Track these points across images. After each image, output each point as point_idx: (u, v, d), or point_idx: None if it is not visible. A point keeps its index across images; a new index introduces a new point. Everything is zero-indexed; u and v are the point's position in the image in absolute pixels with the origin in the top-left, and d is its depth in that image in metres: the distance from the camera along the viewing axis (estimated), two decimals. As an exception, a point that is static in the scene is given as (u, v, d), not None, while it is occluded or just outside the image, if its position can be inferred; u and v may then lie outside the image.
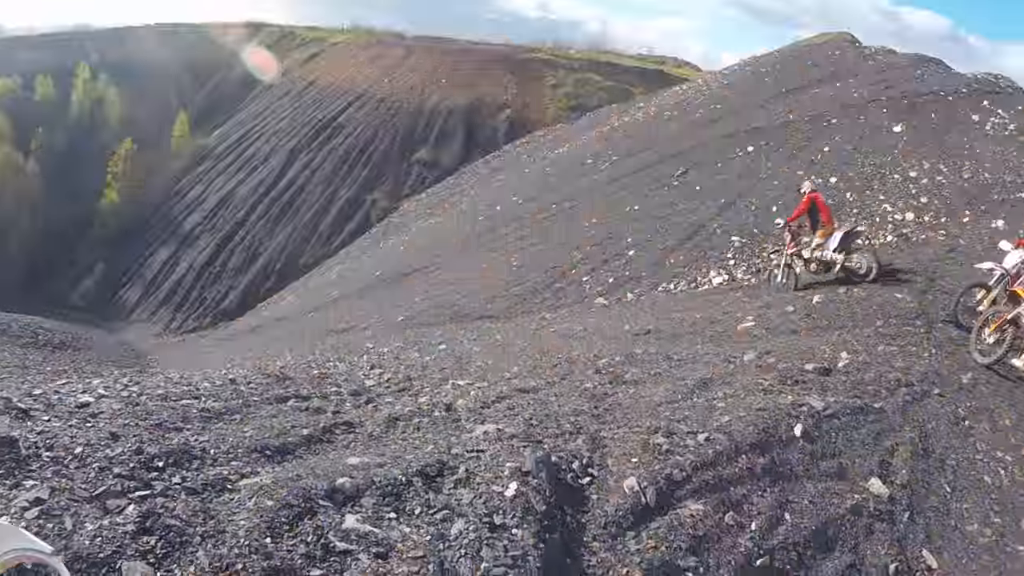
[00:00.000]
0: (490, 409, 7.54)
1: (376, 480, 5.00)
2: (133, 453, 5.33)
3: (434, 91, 64.37)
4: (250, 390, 9.14)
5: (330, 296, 36.98)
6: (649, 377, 8.79)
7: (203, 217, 61.40)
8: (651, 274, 20.30)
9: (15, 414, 6.25)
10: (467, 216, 38.88)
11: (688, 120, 35.37)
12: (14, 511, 4.25)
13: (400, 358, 15.33)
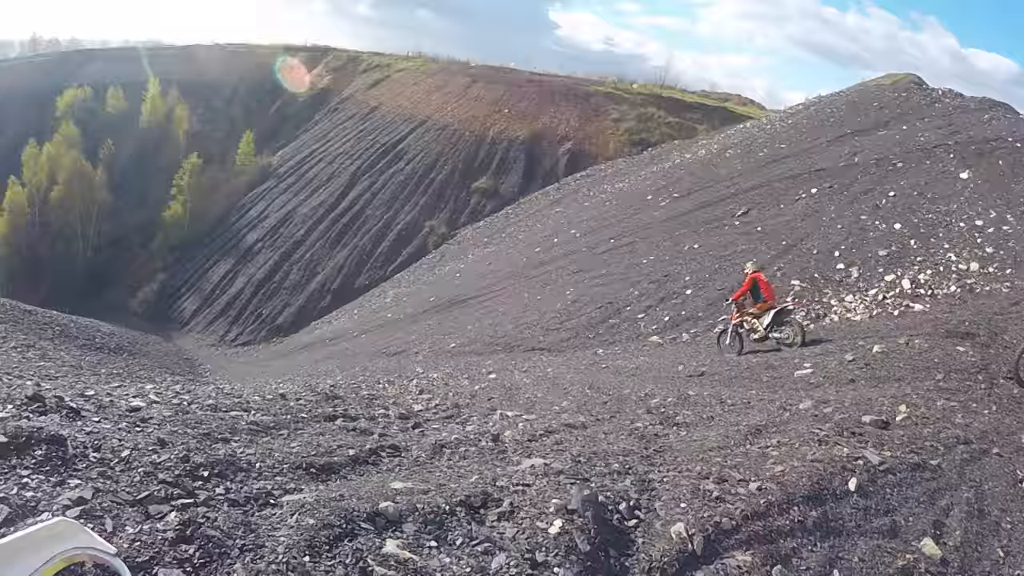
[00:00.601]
0: (537, 443, 7.58)
1: (419, 507, 5.00)
2: (179, 460, 5.47)
3: (496, 121, 64.91)
4: (299, 406, 9.40)
5: (384, 319, 37.76)
6: (701, 420, 8.77)
7: (263, 234, 63.05)
8: (708, 315, 20.22)
9: (66, 413, 6.43)
10: (524, 247, 39.45)
11: (751, 159, 35.44)
12: (56, 508, 4.35)
13: (449, 385, 15.76)
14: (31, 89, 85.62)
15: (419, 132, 66.48)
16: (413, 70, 79.41)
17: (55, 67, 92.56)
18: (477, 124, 65.22)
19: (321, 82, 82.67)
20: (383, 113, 71.21)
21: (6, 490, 4.44)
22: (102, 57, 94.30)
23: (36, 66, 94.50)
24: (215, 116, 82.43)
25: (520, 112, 65.67)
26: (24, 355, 25.34)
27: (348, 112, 74.84)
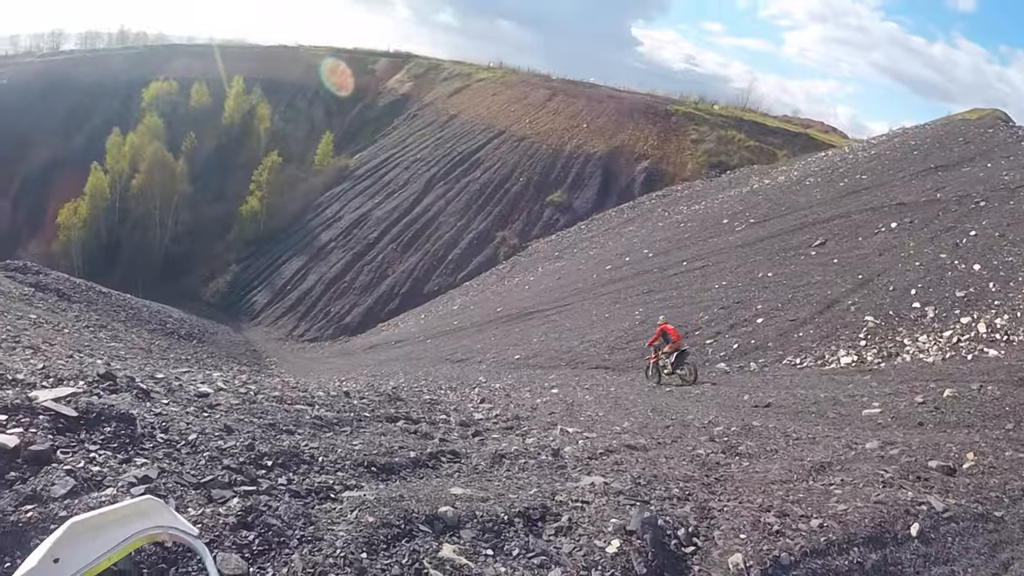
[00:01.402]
0: (597, 461, 7.62)
1: (478, 514, 5.08)
2: (245, 448, 5.66)
3: (574, 135, 65.50)
4: (362, 405, 9.63)
5: (450, 326, 38.54)
6: (765, 452, 8.77)
7: (337, 234, 64.95)
8: (778, 345, 20.22)
9: (136, 393, 6.66)
10: (595, 264, 39.79)
11: (831, 189, 35.25)
12: (121, 485, 4.50)
13: (511, 396, 16.08)
14: (118, 80, 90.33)
15: (496, 142, 67.40)
16: (493, 80, 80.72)
17: (142, 60, 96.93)
18: (555, 137, 65.73)
19: (402, 88, 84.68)
20: (461, 122, 72.39)
21: (73, 463, 4.67)
22: (188, 53, 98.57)
23: (124, 58, 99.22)
24: (296, 116, 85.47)
25: (598, 128, 65.82)
26: (96, 335, 26.60)
27: (427, 119, 76.43)
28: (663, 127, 65.35)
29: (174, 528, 1.85)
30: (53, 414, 5.31)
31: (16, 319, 21.51)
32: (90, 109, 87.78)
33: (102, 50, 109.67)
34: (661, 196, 55.42)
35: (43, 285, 32.64)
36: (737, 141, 63.00)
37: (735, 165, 58.88)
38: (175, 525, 1.86)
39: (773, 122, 69.34)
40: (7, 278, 31.02)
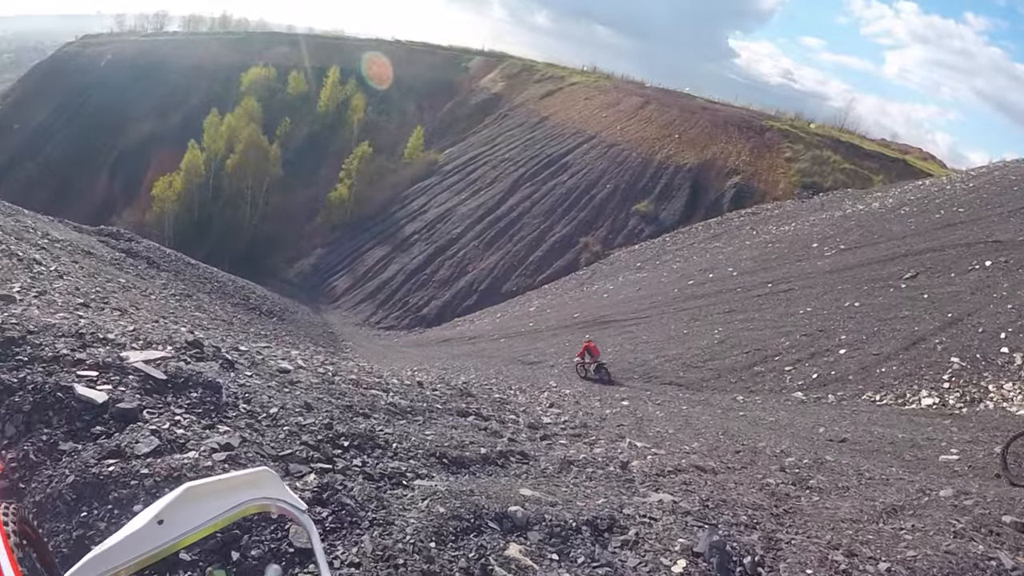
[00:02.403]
0: (666, 478, 7.65)
1: (547, 517, 5.12)
2: (323, 427, 5.86)
3: (665, 145, 65.12)
4: (434, 396, 9.88)
5: (525, 327, 39.08)
6: (836, 489, 8.68)
7: (421, 227, 66.50)
8: (858, 379, 19.81)
9: (222, 363, 6.98)
10: (677, 278, 39.73)
11: (926, 219, 34.31)
12: (204, 450, 4.74)
13: (580, 404, 16.25)
14: (218, 63, 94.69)
15: (585, 147, 67.49)
16: (586, 84, 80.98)
17: (242, 46, 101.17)
18: (645, 146, 65.41)
19: (494, 87, 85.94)
20: (552, 124, 72.86)
21: (158, 423, 4.98)
22: (287, 41, 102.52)
23: (225, 43, 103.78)
24: (389, 109, 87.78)
25: (690, 139, 65.18)
26: (181, 303, 27.87)
27: (517, 119, 77.32)
28: (757, 143, 64.41)
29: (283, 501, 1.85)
30: (142, 375, 5.72)
31: (106, 282, 22.58)
32: (189, 89, 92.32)
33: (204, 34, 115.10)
34: (750, 214, 54.67)
35: (134, 252, 33.69)
36: (832, 162, 61.69)
37: (828, 187, 57.70)
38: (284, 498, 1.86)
39: (870, 145, 67.46)
40: (100, 242, 31.90)
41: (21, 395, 5.02)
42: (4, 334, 5.85)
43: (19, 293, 10.34)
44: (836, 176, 60.33)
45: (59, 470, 4.46)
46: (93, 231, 34.65)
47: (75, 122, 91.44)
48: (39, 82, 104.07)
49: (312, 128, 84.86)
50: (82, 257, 25.82)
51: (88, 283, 20.19)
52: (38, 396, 5.04)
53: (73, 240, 28.47)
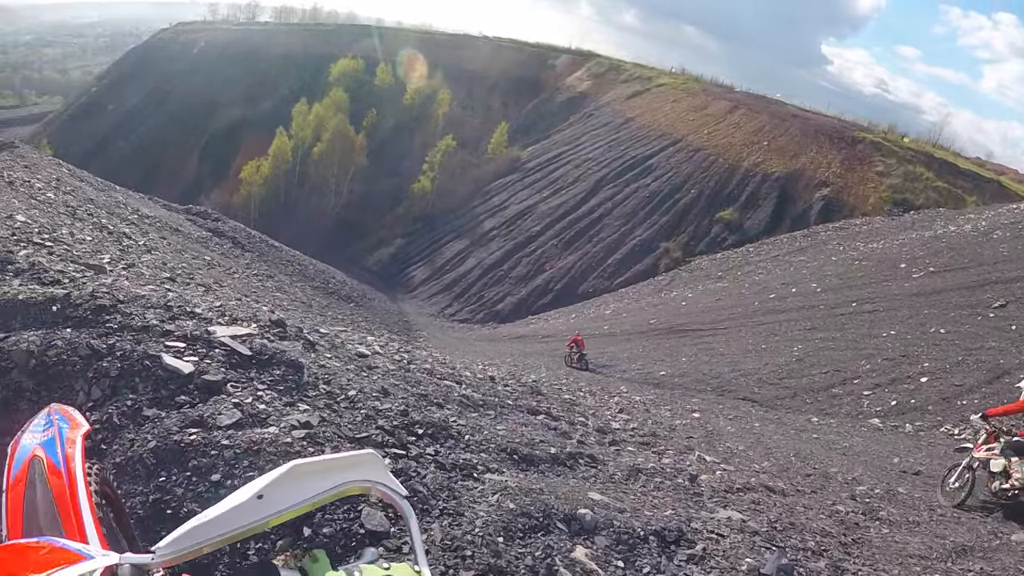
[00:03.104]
0: (734, 496, 7.60)
1: (615, 524, 5.16)
2: (399, 413, 5.99)
3: (753, 152, 64.53)
4: (506, 392, 9.93)
5: (599, 330, 39.26)
6: (907, 523, 8.58)
7: (501, 223, 67.53)
8: (938, 410, 19.16)
9: (304, 344, 7.14)
10: (758, 290, 39.49)
11: (1019, 245, 33.00)
12: (284, 426, 4.90)
13: (650, 412, 16.16)
14: (307, 53, 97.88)
15: (671, 151, 66.88)
16: (674, 86, 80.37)
17: (332, 37, 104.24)
18: (732, 152, 64.53)
19: (580, 86, 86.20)
20: (638, 126, 72.46)
21: (241, 397, 5.18)
22: (375, 34, 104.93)
23: (315, 34, 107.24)
24: (474, 104, 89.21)
25: (779, 147, 63.97)
26: (263, 283, 29.15)
27: (603, 119, 77.28)
28: (848, 154, 62.79)
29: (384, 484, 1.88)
30: (228, 350, 5.91)
31: (192, 258, 23.83)
32: (278, 78, 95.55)
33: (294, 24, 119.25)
34: (838, 228, 53.39)
35: (220, 231, 35.46)
36: (924, 179, 59.96)
37: (920, 205, 56.06)
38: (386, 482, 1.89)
39: (965, 163, 65.24)
40: (188, 221, 33.51)
41: (109, 360, 5.30)
42: (96, 302, 6.12)
43: (109, 264, 11.06)
44: (928, 194, 58.71)
45: (141, 435, 4.72)
46: (181, 209, 36.50)
47: (167, 105, 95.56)
48: (133, 66, 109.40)
49: (398, 120, 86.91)
50: (170, 234, 27.28)
51: (175, 259, 21.24)
52: (126, 363, 5.32)
53: (162, 217, 29.89)
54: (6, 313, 5.95)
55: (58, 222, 15.41)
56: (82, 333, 5.58)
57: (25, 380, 5.12)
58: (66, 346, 5.35)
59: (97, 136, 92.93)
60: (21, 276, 7.18)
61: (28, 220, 12.61)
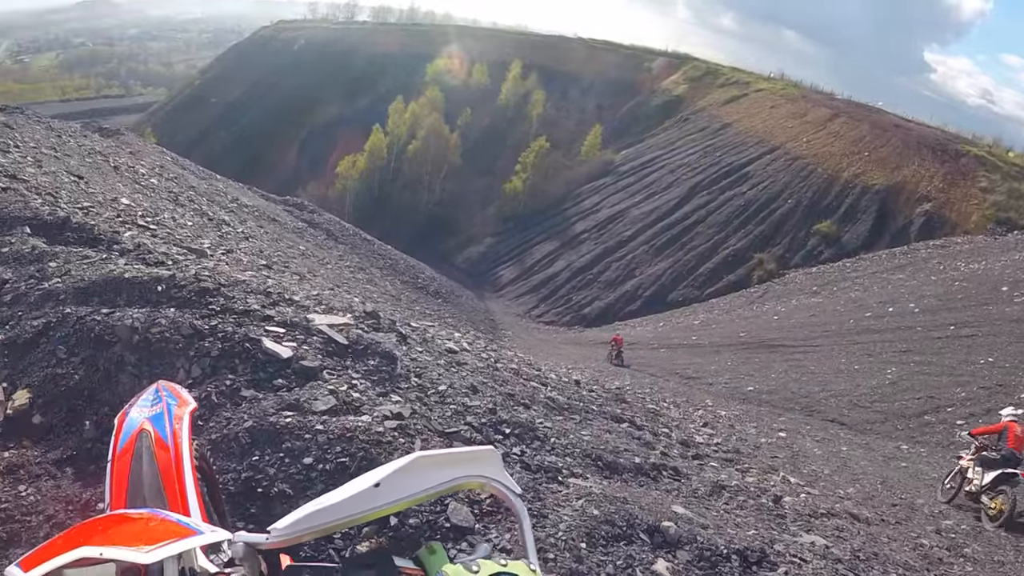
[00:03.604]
0: (818, 520, 7.58)
1: (698, 539, 5.17)
2: (487, 411, 6.11)
3: (853, 162, 62.98)
4: (591, 397, 9.91)
5: (687, 340, 39.47)
6: (991, 562, 8.51)
7: (592, 226, 67.85)
8: None
9: (397, 336, 7.24)
10: (854, 307, 38.83)
11: None
12: (376, 416, 5.03)
13: (735, 428, 16.20)
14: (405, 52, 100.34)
15: (768, 158, 65.71)
16: (772, 92, 79.02)
17: (428, 37, 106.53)
18: (832, 162, 62.92)
19: (676, 89, 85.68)
20: (735, 132, 71.40)
21: (336, 385, 5.35)
22: (471, 35, 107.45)
23: (412, 34, 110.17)
24: (568, 105, 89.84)
25: (880, 158, 62.13)
26: (355, 275, 30.06)
27: (698, 124, 76.53)
28: (951, 168, 60.51)
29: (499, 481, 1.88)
30: (325, 338, 6.07)
31: (287, 247, 24.85)
32: (375, 76, 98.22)
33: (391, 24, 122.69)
34: (939, 246, 52.41)
35: (315, 223, 36.86)
36: None
37: None
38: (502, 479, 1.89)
39: None
40: (285, 211, 34.99)
41: (210, 341, 5.56)
42: (199, 284, 6.40)
43: (209, 249, 11.42)
44: (1035, 213, 55.80)
45: (238, 414, 4.94)
46: (279, 200, 38.05)
47: (267, 100, 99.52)
48: (235, 61, 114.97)
49: (492, 120, 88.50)
50: (267, 223, 28.53)
51: (271, 247, 22.12)
52: (226, 344, 5.57)
53: (260, 206, 31.16)
54: (111, 290, 6.32)
55: (160, 207, 16.44)
56: (185, 313, 5.91)
57: (128, 354, 5.44)
58: (169, 324, 5.68)
59: (200, 127, 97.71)
60: (126, 256, 7.59)
61: (132, 203, 13.33)
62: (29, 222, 8.17)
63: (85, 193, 11.94)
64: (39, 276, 6.78)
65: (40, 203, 8.93)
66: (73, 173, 13.72)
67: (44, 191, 9.87)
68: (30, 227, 8.04)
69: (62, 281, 6.58)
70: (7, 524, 4.28)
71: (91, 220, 8.66)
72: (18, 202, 8.71)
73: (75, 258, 7.19)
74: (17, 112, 19.79)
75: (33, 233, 7.91)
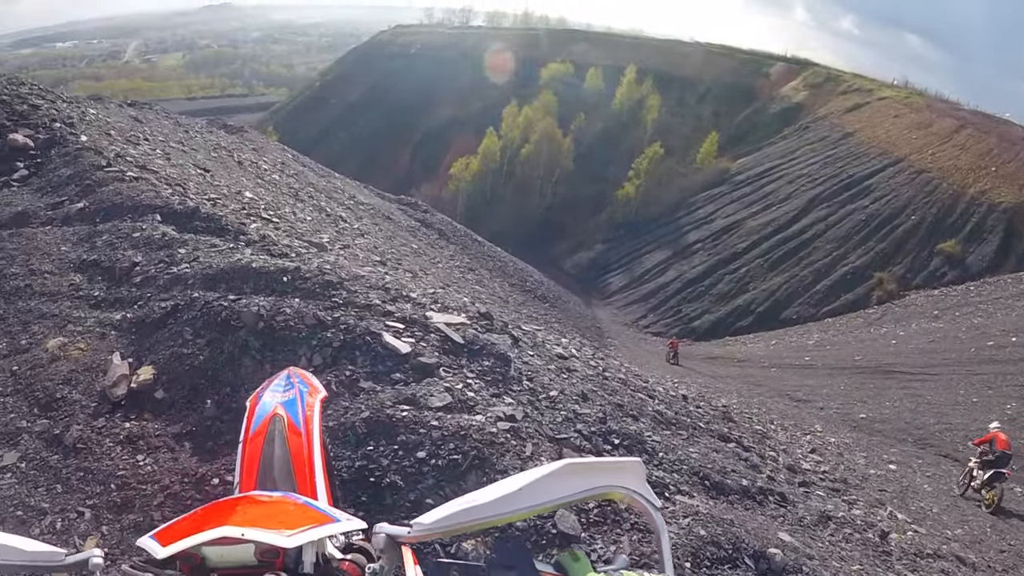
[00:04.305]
0: (924, 561, 7.50)
1: (803, 569, 5.17)
2: (597, 420, 6.19)
3: (980, 177, 60.09)
4: (698, 413, 9.90)
5: (799, 360, 39.00)
6: None
7: (705, 236, 67.24)
8: None
9: (510, 339, 7.31)
10: (976, 335, 37.76)
11: None
12: (489, 416, 5.15)
13: (843, 456, 16.14)
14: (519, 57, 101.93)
15: (891, 171, 63.60)
16: (896, 100, 76.38)
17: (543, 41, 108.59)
18: (958, 177, 60.33)
19: (795, 96, 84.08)
20: (857, 142, 69.29)
21: (452, 383, 5.49)
22: (585, 39, 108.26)
23: (527, 38, 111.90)
24: (684, 111, 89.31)
25: (1008, 174, 58.96)
26: (464, 275, 30.69)
27: (818, 133, 74.60)
28: None
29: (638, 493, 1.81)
30: (442, 336, 6.22)
31: (400, 245, 25.39)
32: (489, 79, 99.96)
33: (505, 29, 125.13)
34: None
35: (428, 222, 37.49)
36: None
37: None
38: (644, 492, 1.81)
39: None
40: (399, 210, 35.76)
41: (333, 332, 5.76)
42: (323, 277, 6.65)
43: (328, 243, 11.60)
44: None
45: (355, 404, 5.09)
46: (394, 199, 39.07)
47: (384, 102, 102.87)
48: (354, 64, 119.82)
49: (606, 124, 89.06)
50: (382, 220, 29.28)
51: (385, 244, 22.74)
52: (348, 336, 5.76)
53: (375, 204, 32.13)
54: (238, 278, 6.62)
55: (281, 201, 16.81)
56: (309, 304, 6.12)
57: (252, 339, 5.68)
58: (294, 314, 5.90)
59: (320, 126, 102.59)
60: (252, 246, 7.88)
61: (255, 197, 13.74)
62: (160, 210, 8.68)
63: (211, 185, 12.47)
64: (168, 261, 7.29)
65: (170, 193, 9.52)
66: (199, 166, 14.44)
67: (173, 182, 10.50)
68: (160, 215, 8.55)
69: (190, 267, 7.06)
70: (123, 490, 4.66)
71: (218, 211, 9.15)
72: (149, 191, 9.25)
73: (203, 246, 7.68)
74: (146, 108, 20.81)
75: (163, 220, 8.40)
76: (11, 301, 6.85)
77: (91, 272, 7.38)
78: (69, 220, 8.58)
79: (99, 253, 7.69)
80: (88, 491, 4.74)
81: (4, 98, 11.48)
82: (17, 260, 7.53)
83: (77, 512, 4.59)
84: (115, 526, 4.52)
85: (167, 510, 4.61)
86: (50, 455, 5.02)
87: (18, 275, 7.24)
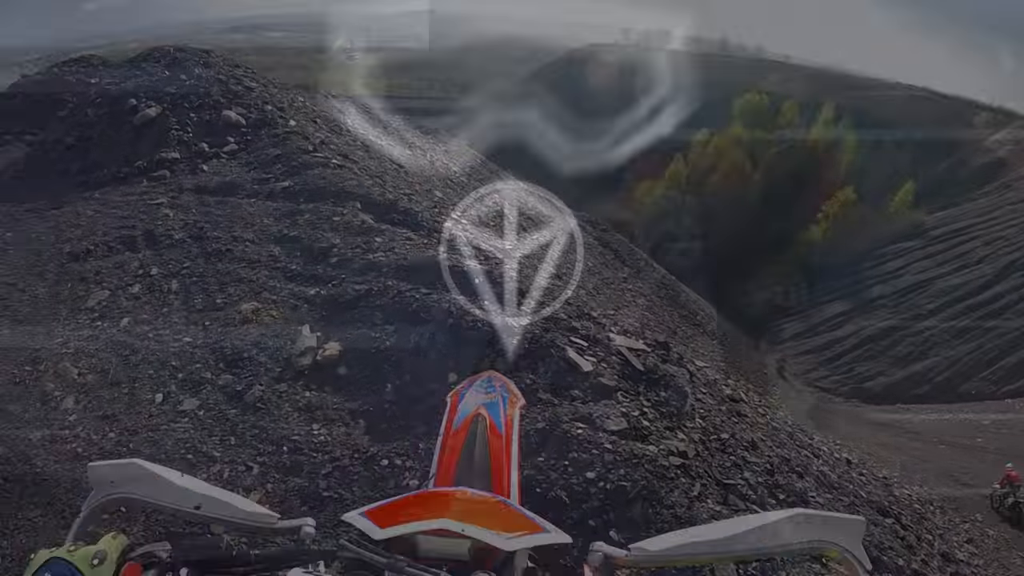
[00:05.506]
0: None
1: None
2: (765, 471, 6.14)
3: None
4: (860, 480, 9.62)
5: (971, 442, 34.48)
6: None
7: (891, 292, 64.76)
8: None
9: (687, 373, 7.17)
10: None
11: None
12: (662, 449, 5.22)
13: (1001, 552, 14.56)
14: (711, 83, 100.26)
15: None
16: None
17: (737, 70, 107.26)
18: None
19: (999, 150, 79.96)
20: None
21: (628, 408, 5.58)
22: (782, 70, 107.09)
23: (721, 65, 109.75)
24: (879, 156, 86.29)
25: None
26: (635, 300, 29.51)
27: (1020, 193, 70.74)
28: None
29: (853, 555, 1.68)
30: (623, 359, 6.23)
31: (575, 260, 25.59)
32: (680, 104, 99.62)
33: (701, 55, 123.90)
34: None
35: (605, 241, 36.30)
36: None
37: None
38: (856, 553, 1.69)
39: None
40: (578, 226, 37.05)
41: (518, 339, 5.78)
42: None
43: None
44: None
45: (531, 414, 5.17)
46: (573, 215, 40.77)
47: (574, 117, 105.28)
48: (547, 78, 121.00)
49: (797, 162, 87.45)
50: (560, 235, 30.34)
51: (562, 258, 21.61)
52: (533, 345, 5.87)
53: None
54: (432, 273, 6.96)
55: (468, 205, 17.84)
56: None
57: (439, 335, 5.93)
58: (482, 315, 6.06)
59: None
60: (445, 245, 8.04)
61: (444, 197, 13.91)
62: (360, 199, 9.11)
63: (405, 181, 12.80)
64: (365, 247, 7.65)
65: (371, 184, 9.99)
66: (395, 161, 14.84)
67: (372, 173, 10.90)
68: (360, 203, 8.99)
69: (386, 255, 7.42)
70: (294, 454, 4.92)
71: (414, 207, 9.51)
72: (352, 179, 9.75)
73: (399, 238, 8.00)
74: (348, 101, 21.85)
75: (363, 209, 8.83)
76: (211, 262, 7.51)
77: (290, 247, 8.02)
78: (274, 196, 9.40)
79: (300, 230, 8.38)
80: (260, 448, 5.13)
81: (221, 77, 13.07)
82: (221, 225, 8.23)
83: (246, 466, 4.98)
84: (280, 486, 4.87)
85: (333, 480, 4.91)
86: (229, 408, 5.49)
87: (220, 239, 7.92)
